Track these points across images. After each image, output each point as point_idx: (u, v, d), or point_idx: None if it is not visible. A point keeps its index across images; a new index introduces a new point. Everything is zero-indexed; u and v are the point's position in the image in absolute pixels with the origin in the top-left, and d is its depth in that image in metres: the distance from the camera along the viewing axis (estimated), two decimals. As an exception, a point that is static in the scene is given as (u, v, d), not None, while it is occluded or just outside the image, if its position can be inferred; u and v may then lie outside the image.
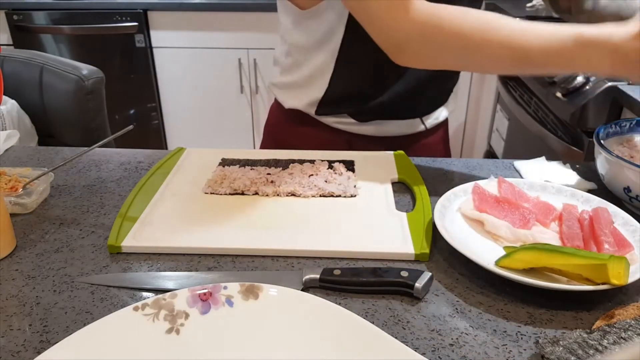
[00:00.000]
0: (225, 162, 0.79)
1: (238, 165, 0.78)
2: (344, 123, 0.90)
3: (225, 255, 0.59)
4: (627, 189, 0.66)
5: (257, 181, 0.72)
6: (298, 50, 0.88)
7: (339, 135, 0.91)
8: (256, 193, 0.70)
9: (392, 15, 0.66)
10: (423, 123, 0.94)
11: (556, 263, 0.51)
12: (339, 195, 0.70)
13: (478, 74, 2.42)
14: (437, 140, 0.99)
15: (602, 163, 0.70)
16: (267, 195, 0.70)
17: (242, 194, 0.70)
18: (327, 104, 0.88)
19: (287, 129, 0.96)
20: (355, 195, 0.70)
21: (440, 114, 0.96)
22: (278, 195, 0.70)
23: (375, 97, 0.86)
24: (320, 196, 0.70)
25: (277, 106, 0.97)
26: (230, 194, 0.70)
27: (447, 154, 1.04)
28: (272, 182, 0.72)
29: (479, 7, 0.84)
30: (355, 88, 0.85)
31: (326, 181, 0.72)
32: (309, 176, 0.74)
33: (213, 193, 0.71)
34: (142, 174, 0.79)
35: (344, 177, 0.74)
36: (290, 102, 0.92)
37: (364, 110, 0.88)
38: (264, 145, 1.02)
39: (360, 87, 0.85)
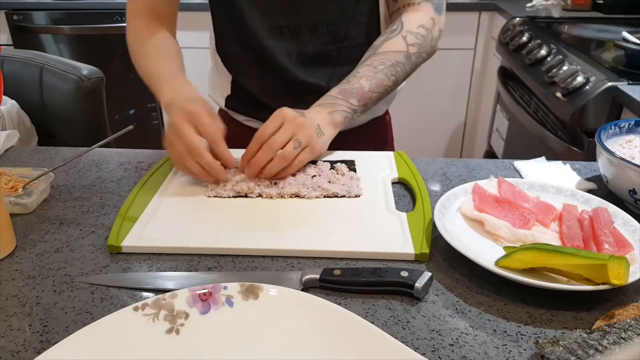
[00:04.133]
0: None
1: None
2: (252, 121, 1.00)
3: (225, 255, 0.59)
4: (633, 192, 0.66)
5: (261, 183, 0.72)
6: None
7: (249, 132, 0.86)
8: (260, 195, 0.70)
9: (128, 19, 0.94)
10: None
11: (556, 263, 0.51)
12: (343, 196, 0.70)
13: (478, 72, 2.41)
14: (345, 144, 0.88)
15: (604, 165, 0.70)
16: (271, 197, 0.70)
17: (246, 196, 0.70)
18: (234, 99, 1.02)
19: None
20: (359, 195, 0.70)
21: None
22: (282, 197, 0.70)
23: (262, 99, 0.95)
24: (325, 197, 0.70)
25: None
26: (233, 196, 0.70)
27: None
28: (275, 183, 0.72)
29: None
30: (248, 91, 0.97)
31: (330, 182, 0.72)
32: (312, 177, 0.74)
33: (216, 197, 0.70)
34: (142, 174, 0.79)
35: (347, 177, 0.74)
36: (212, 90, 1.07)
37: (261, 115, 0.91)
38: None
39: (250, 92, 0.96)
